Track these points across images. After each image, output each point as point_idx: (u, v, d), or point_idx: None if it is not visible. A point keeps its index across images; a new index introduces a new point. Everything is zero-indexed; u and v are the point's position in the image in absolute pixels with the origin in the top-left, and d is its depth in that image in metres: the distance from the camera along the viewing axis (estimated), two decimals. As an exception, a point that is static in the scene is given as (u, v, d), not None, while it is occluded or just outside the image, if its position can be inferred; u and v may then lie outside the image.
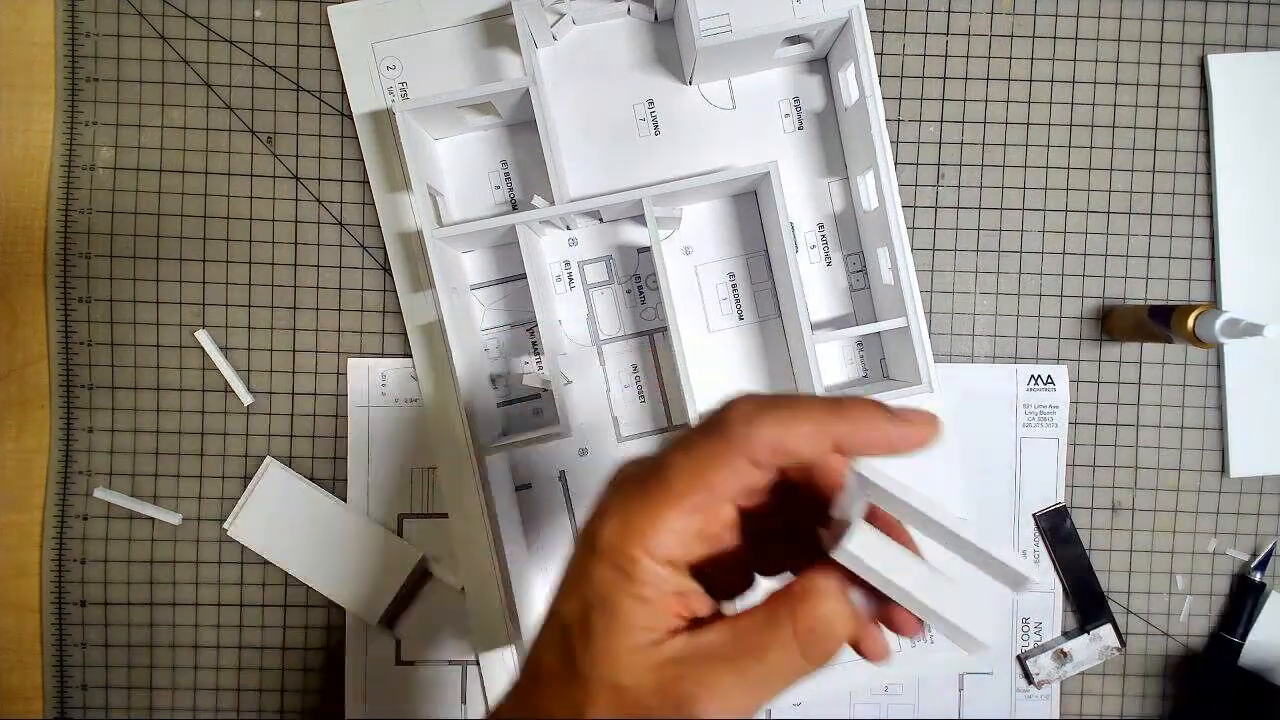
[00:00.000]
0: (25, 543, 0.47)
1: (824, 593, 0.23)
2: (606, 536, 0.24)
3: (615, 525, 0.24)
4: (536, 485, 0.47)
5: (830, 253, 0.47)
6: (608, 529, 0.24)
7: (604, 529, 0.24)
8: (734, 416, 0.24)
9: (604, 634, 0.23)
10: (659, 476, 0.24)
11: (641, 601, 0.23)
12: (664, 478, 0.24)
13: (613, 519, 0.24)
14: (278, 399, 0.47)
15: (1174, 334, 0.41)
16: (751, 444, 0.23)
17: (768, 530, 0.26)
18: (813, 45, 0.44)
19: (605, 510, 0.25)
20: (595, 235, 0.47)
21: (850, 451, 0.24)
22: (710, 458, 0.24)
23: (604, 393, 0.47)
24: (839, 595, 0.23)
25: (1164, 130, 0.47)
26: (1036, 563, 0.47)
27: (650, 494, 0.24)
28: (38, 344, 0.47)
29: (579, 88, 0.46)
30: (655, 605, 0.23)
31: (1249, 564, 0.47)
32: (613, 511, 0.24)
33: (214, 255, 0.47)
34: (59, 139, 0.46)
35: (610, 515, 0.24)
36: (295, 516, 0.47)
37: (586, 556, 0.24)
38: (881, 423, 0.24)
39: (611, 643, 0.23)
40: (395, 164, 0.46)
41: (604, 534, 0.24)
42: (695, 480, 0.24)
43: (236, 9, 0.46)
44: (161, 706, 0.48)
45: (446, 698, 0.47)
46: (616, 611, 0.23)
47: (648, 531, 0.23)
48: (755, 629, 0.23)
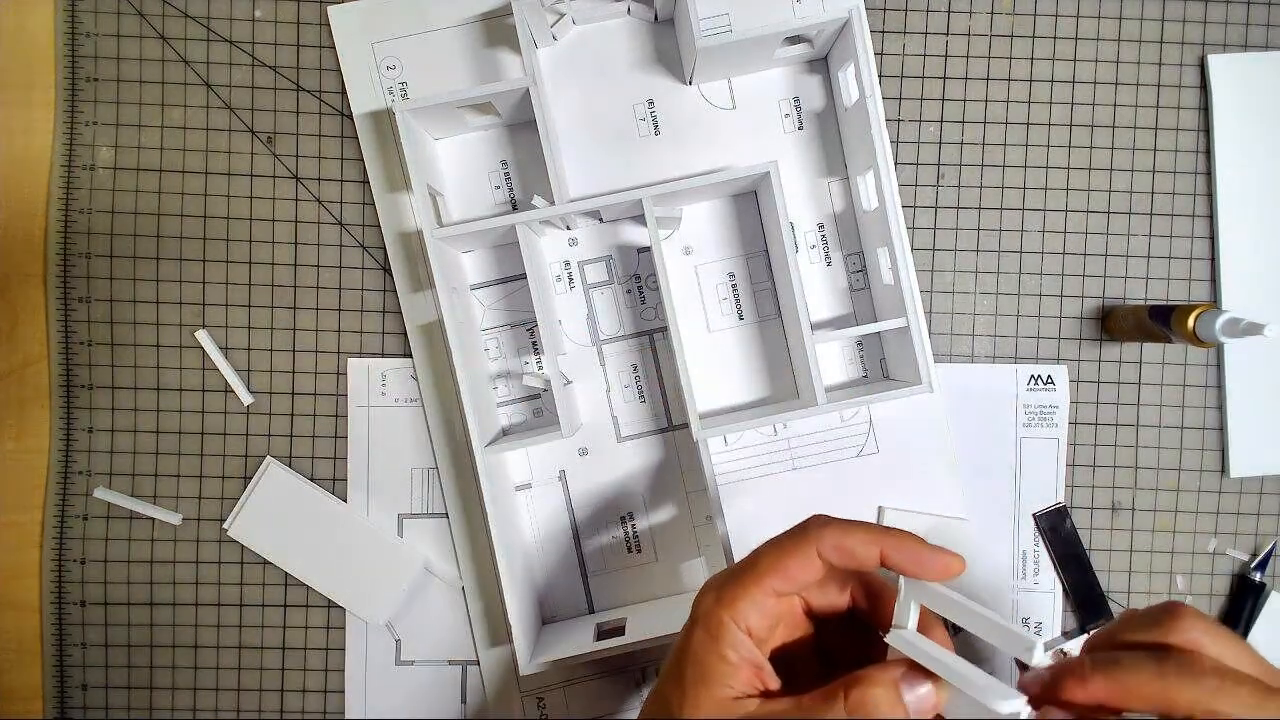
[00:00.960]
0: (25, 543, 0.47)
1: (876, 679, 0.28)
2: (704, 606, 0.30)
3: (711, 597, 0.30)
4: (536, 485, 0.47)
5: (830, 253, 0.47)
6: (706, 600, 0.31)
7: (703, 601, 0.31)
8: (811, 523, 0.31)
9: (694, 684, 0.29)
10: (749, 561, 0.31)
11: (725, 661, 0.29)
12: (752, 562, 0.31)
13: (710, 593, 0.31)
14: (278, 399, 0.47)
15: (1174, 334, 0.41)
16: (821, 540, 0.30)
17: (839, 640, 0.33)
18: (813, 45, 0.44)
19: (706, 587, 0.31)
20: (595, 235, 0.47)
21: (893, 562, 0.30)
22: (789, 549, 0.30)
23: (604, 393, 0.47)
24: (888, 683, 0.28)
25: (1164, 130, 0.47)
26: (1036, 562, 0.47)
27: (740, 574, 0.30)
28: (38, 344, 0.47)
29: (579, 88, 0.46)
30: (736, 667, 0.29)
31: (1249, 564, 0.47)
32: (712, 587, 0.31)
33: (214, 255, 0.47)
34: (59, 139, 0.46)
35: (709, 590, 0.31)
36: (295, 516, 0.47)
37: (688, 625, 0.31)
38: (919, 546, 0.30)
39: (700, 692, 0.29)
40: (395, 164, 0.46)
41: (703, 604, 0.31)
42: (776, 564, 0.30)
43: (236, 9, 0.46)
44: (161, 706, 0.48)
45: (446, 698, 0.47)
46: (705, 667, 0.29)
47: (735, 602, 0.30)
48: (816, 703, 0.28)
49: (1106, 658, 0.28)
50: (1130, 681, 0.27)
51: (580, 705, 0.47)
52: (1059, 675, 0.28)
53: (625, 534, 0.47)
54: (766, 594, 0.30)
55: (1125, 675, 0.27)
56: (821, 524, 0.31)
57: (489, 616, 0.47)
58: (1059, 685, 0.28)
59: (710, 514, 0.47)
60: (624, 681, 0.47)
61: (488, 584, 0.47)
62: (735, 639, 0.30)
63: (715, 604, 0.30)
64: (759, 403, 0.47)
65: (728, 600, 0.30)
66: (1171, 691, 0.26)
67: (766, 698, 0.29)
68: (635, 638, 0.42)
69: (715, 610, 0.30)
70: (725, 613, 0.30)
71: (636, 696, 0.47)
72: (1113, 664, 0.27)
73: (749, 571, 0.30)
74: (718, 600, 0.30)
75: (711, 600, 0.30)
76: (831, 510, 0.46)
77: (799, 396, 0.46)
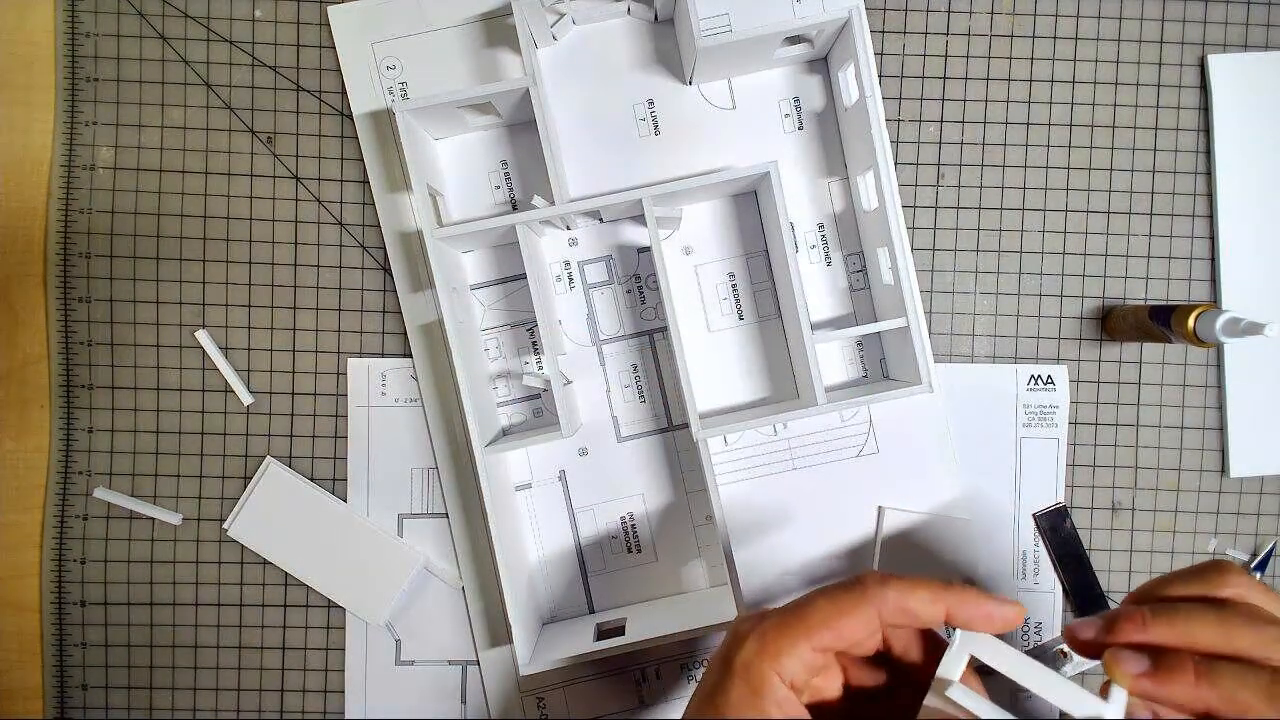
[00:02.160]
0: (25, 543, 0.47)
1: None
2: (744, 656, 0.28)
3: (754, 646, 0.28)
4: (536, 485, 0.47)
5: (830, 253, 0.47)
6: (746, 649, 0.29)
7: (742, 650, 0.29)
8: (869, 579, 0.29)
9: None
10: (799, 613, 0.29)
11: (767, 717, 0.28)
12: (804, 614, 0.29)
13: (752, 641, 0.29)
14: (278, 399, 0.47)
15: (1174, 334, 0.41)
16: (884, 600, 0.29)
17: (861, 674, 0.32)
18: (813, 45, 0.44)
19: (744, 634, 0.29)
20: (595, 235, 0.47)
21: (958, 620, 0.29)
22: (848, 604, 0.29)
23: (604, 393, 0.47)
24: None
25: (1164, 130, 0.47)
26: (1036, 562, 0.47)
27: (789, 624, 0.29)
28: (38, 344, 0.47)
29: (579, 88, 0.46)
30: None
31: (1249, 564, 0.47)
32: (752, 636, 0.29)
33: (214, 255, 0.47)
34: (59, 139, 0.46)
35: (749, 638, 0.29)
36: (295, 516, 0.47)
37: (724, 674, 0.29)
38: (984, 601, 0.29)
39: None
40: (395, 164, 0.46)
41: (742, 654, 0.28)
42: (830, 621, 0.28)
43: (236, 9, 0.46)
44: (161, 706, 0.48)
45: (446, 698, 0.47)
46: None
47: (781, 655, 0.28)
48: None
49: (1164, 606, 0.28)
50: (1193, 626, 0.27)
51: (580, 705, 0.47)
52: (1113, 622, 0.28)
53: (625, 534, 0.47)
54: (815, 649, 0.28)
55: (1187, 621, 0.27)
56: (881, 582, 0.29)
57: (489, 616, 0.47)
58: (1115, 631, 0.28)
59: (710, 514, 0.47)
60: (624, 681, 0.47)
61: (488, 584, 0.47)
62: (779, 695, 0.28)
63: (758, 655, 0.28)
64: (759, 403, 0.47)
65: (772, 653, 0.28)
66: (1234, 637, 0.27)
67: None
68: (635, 638, 0.42)
69: (758, 664, 0.28)
70: (769, 666, 0.28)
71: (636, 696, 0.47)
72: (1173, 611, 0.28)
73: (798, 624, 0.28)
74: (760, 651, 0.28)
75: (753, 650, 0.28)
76: (832, 510, 0.46)
77: (799, 396, 0.46)
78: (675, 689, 0.47)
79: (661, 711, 0.47)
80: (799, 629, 0.28)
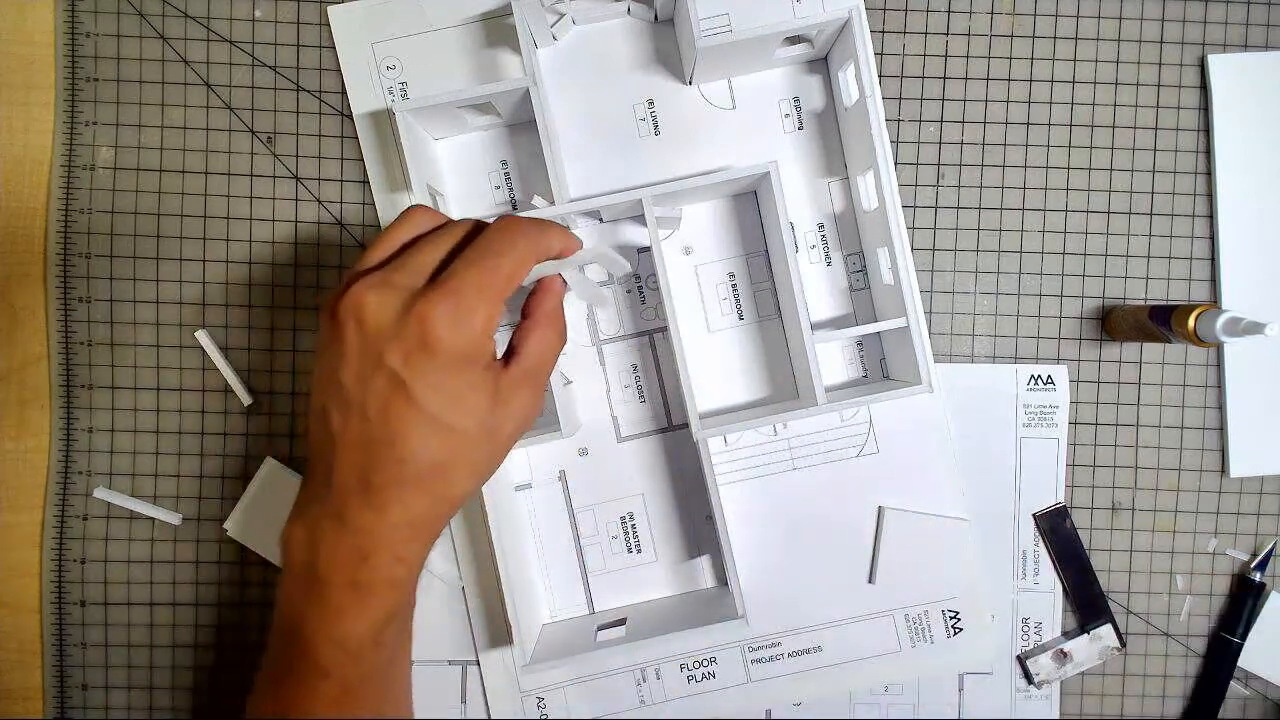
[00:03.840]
0: (25, 543, 0.47)
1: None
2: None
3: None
4: (536, 485, 0.47)
5: (830, 253, 0.47)
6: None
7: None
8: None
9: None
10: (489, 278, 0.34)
11: None
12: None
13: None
14: (278, 399, 0.47)
15: (1174, 334, 0.41)
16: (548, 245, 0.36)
17: None
18: (813, 45, 0.44)
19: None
20: (595, 235, 0.47)
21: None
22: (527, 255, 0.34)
23: (604, 393, 0.47)
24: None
25: (1164, 130, 0.47)
26: (1036, 562, 0.47)
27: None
28: (38, 344, 0.47)
29: (579, 88, 0.46)
30: None
31: (1249, 564, 0.47)
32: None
33: (214, 255, 0.47)
34: (59, 139, 0.46)
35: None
36: (295, 516, 0.47)
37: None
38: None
39: None
40: (395, 164, 0.46)
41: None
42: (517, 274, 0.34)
43: (236, 9, 0.46)
44: (161, 706, 0.48)
45: (446, 698, 0.47)
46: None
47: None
48: None
49: None
50: None
51: (580, 705, 0.47)
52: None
53: (625, 534, 0.47)
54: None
55: None
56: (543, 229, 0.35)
57: (489, 616, 0.47)
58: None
59: (710, 514, 0.47)
60: (624, 681, 0.47)
61: (488, 584, 0.47)
62: None
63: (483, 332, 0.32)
64: (759, 403, 0.47)
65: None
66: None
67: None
68: (635, 638, 0.42)
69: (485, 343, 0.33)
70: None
71: (636, 696, 0.47)
72: None
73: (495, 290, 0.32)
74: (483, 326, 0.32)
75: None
76: (832, 510, 0.46)
77: (799, 396, 0.46)
78: (675, 689, 0.47)
79: (661, 711, 0.47)
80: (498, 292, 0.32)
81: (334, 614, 0.31)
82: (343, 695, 0.31)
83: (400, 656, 0.35)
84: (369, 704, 0.32)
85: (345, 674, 0.31)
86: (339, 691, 0.31)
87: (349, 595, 0.31)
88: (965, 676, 0.48)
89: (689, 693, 0.47)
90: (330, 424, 0.30)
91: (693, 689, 0.47)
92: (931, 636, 0.47)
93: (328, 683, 0.31)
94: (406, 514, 0.30)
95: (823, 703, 0.47)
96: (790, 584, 0.47)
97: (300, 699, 0.31)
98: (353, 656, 0.31)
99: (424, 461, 0.30)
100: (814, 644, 0.47)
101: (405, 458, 0.30)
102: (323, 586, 0.31)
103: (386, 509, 0.30)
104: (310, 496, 0.32)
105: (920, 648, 0.47)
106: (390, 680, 0.34)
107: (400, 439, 0.29)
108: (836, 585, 0.47)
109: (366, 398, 0.29)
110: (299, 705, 0.31)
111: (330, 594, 0.31)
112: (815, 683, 0.47)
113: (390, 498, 0.30)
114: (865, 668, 0.47)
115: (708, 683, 0.47)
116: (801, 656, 0.47)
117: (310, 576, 0.31)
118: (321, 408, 0.31)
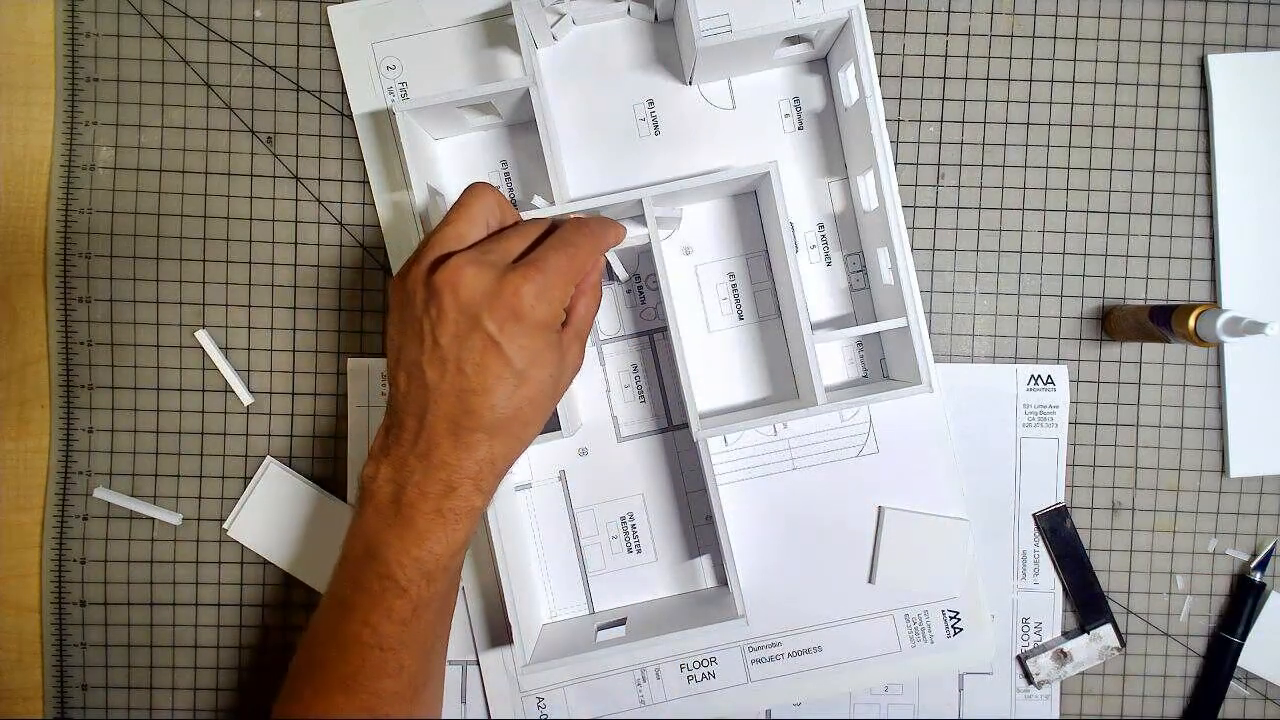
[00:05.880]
0: (25, 543, 0.47)
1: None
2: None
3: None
4: (536, 485, 0.47)
5: (830, 253, 0.47)
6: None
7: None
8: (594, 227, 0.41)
9: None
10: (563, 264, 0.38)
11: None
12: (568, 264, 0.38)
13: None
14: (278, 399, 0.47)
15: (1174, 334, 0.41)
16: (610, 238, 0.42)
17: None
18: (813, 45, 0.44)
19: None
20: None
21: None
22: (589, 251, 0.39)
23: (604, 393, 0.47)
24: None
25: (1164, 130, 0.47)
26: (1036, 562, 0.47)
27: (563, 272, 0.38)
28: (38, 344, 0.47)
29: (579, 88, 0.46)
30: None
31: (1249, 564, 0.47)
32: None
33: (214, 255, 0.47)
34: (59, 139, 0.46)
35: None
36: (295, 516, 0.47)
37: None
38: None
39: None
40: (395, 164, 0.46)
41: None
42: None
43: (236, 9, 0.46)
44: (161, 706, 0.48)
45: (447, 698, 0.47)
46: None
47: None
48: None
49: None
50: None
51: (580, 705, 0.47)
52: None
53: (625, 534, 0.47)
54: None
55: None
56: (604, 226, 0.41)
57: (489, 616, 0.47)
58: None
59: (710, 514, 0.47)
60: (624, 681, 0.47)
61: (488, 584, 0.47)
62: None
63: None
64: (759, 403, 0.47)
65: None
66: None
67: None
68: (635, 637, 0.42)
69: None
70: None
71: (636, 696, 0.47)
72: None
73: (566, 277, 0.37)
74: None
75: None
76: (832, 511, 0.46)
77: (799, 396, 0.46)
78: (675, 689, 0.47)
79: (661, 711, 0.47)
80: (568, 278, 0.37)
81: (417, 538, 0.36)
82: (412, 614, 0.36)
83: (453, 591, 0.40)
84: (429, 624, 0.38)
85: (420, 592, 0.36)
86: (410, 611, 0.36)
87: (435, 521, 0.36)
88: (965, 676, 0.48)
89: (689, 693, 0.47)
90: (425, 377, 0.35)
91: (693, 689, 0.47)
92: (931, 636, 0.47)
93: (403, 600, 0.36)
94: (490, 453, 0.36)
95: (823, 703, 0.47)
96: (790, 584, 0.47)
97: (377, 615, 0.36)
98: (428, 577, 0.36)
99: (509, 408, 0.35)
100: (814, 644, 0.47)
101: (495, 404, 0.35)
102: (411, 514, 0.35)
103: (474, 448, 0.35)
104: (393, 441, 0.36)
105: (920, 648, 0.47)
106: (445, 610, 0.39)
107: (491, 389, 0.35)
108: (836, 585, 0.47)
109: (463, 354, 0.34)
110: (374, 620, 0.36)
111: (418, 520, 0.35)
112: (815, 683, 0.47)
113: (479, 440, 0.35)
114: (865, 668, 0.47)
115: (708, 683, 0.47)
116: (801, 656, 0.47)
117: (396, 507, 0.36)
118: (414, 362, 0.35)
